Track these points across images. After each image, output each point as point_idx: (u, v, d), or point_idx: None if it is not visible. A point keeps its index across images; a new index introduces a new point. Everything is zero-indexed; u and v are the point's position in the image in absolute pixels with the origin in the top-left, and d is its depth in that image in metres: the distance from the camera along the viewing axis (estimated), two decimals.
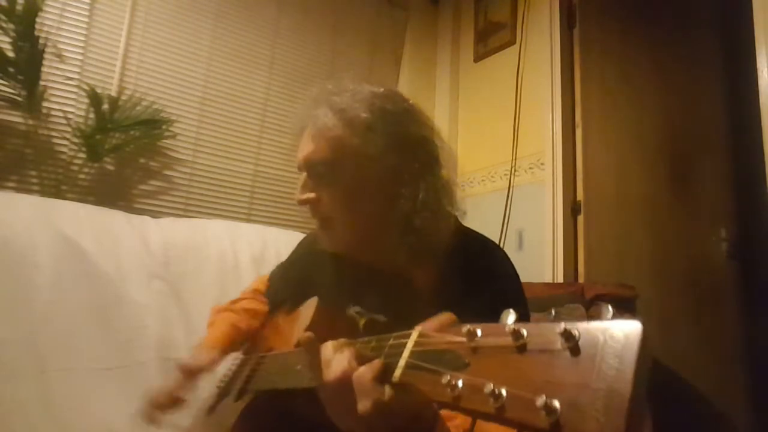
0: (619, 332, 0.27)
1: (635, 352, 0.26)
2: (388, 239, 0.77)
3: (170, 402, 0.88)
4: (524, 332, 0.33)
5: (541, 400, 0.28)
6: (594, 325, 0.29)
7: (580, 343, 0.29)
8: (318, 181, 0.79)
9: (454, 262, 0.79)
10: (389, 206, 0.76)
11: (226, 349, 0.94)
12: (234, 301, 1.08)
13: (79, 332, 1.27)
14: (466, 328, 0.37)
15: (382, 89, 0.81)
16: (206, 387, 0.94)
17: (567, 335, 0.29)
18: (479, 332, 0.36)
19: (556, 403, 0.28)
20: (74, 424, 1.15)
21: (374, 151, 0.75)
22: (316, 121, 0.78)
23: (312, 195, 0.79)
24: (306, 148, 0.80)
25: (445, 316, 0.44)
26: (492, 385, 0.31)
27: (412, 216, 0.76)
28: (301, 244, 1.06)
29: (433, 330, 0.42)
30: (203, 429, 0.89)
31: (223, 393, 0.89)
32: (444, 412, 0.52)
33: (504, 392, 0.31)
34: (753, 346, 2.27)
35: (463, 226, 0.86)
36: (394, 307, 0.49)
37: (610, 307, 0.29)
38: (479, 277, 0.77)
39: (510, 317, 0.34)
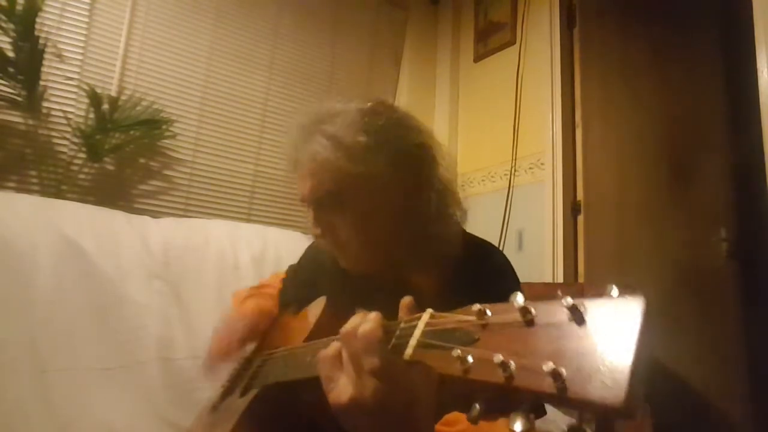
0: (623, 306, 0.30)
1: (638, 323, 0.28)
2: (403, 251, 0.78)
3: (229, 351, 0.89)
4: (532, 309, 0.34)
5: (548, 366, 0.29)
6: (600, 301, 0.31)
7: (586, 316, 0.31)
8: (327, 212, 0.78)
9: (459, 267, 0.80)
10: (401, 219, 0.76)
11: (254, 323, 0.94)
12: (258, 287, 1.08)
13: (79, 332, 1.27)
14: (476, 307, 0.38)
15: (369, 104, 0.79)
16: (207, 387, 0.94)
17: (573, 309, 0.31)
18: (489, 311, 0.37)
19: (563, 370, 0.29)
20: (74, 424, 1.15)
21: (377, 171, 0.74)
22: (313, 156, 0.76)
23: (325, 230, 0.79)
24: (308, 183, 0.78)
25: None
26: (501, 356, 0.32)
27: (425, 225, 0.76)
28: (311, 247, 1.06)
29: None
30: (207, 427, 0.89)
31: (227, 390, 0.90)
32: (448, 417, 0.53)
33: (513, 362, 0.32)
34: (753, 346, 2.26)
35: (466, 232, 0.86)
36: (397, 312, 0.49)
37: (615, 287, 0.31)
38: (483, 282, 0.77)
39: (519, 297, 0.35)
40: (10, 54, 1.65)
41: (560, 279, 1.92)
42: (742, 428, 2.12)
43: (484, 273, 0.79)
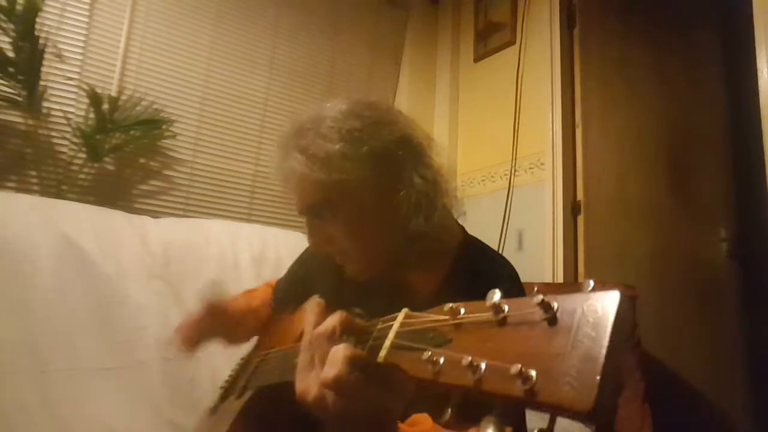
0: (597, 302, 0.28)
1: (610, 320, 0.27)
2: (399, 249, 0.77)
3: (198, 336, 0.90)
4: (505, 307, 0.33)
5: (515, 369, 0.28)
6: (572, 297, 0.29)
7: (557, 314, 0.29)
8: (321, 222, 0.79)
9: (459, 271, 0.79)
10: (390, 218, 0.76)
11: (242, 314, 0.95)
12: (249, 291, 1.10)
13: (79, 332, 1.27)
14: (449, 306, 0.37)
15: (344, 106, 0.78)
16: (210, 386, 0.94)
17: (545, 306, 0.30)
18: (462, 310, 0.37)
19: (532, 372, 0.28)
20: (74, 424, 1.15)
21: (357, 175, 0.73)
22: (293, 172, 0.77)
23: (323, 239, 0.80)
24: (296, 197, 0.79)
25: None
26: (470, 358, 0.31)
27: (414, 219, 0.75)
28: (308, 247, 1.07)
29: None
30: (206, 428, 0.89)
31: (227, 392, 0.90)
32: (413, 418, 0.53)
33: (483, 365, 0.31)
34: (753, 346, 2.27)
35: (469, 235, 0.86)
36: (396, 312, 0.49)
37: (591, 282, 0.29)
38: (483, 288, 0.76)
39: (495, 295, 0.34)
40: (10, 54, 1.65)
41: (560, 279, 1.92)
42: (741, 427, 2.12)
43: (487, 280, 0.78)
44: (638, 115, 2.20)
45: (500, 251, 0.90)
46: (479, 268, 0.80)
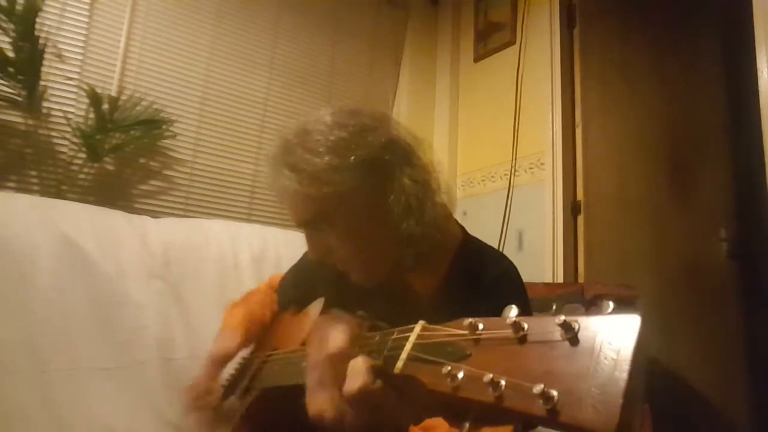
0: (618, 325, 0.28)
1: (633, 344, 0.27)
2: (399, 252, 0.77)
3: (206, 393, 0.90)
4: (525, 325, 0.33)
5: (538, 388, 0.28)
6: (594, 318, 0.30)
7: (579, 335, 0.30)
8: (319, 234, 0.79)
9: (457, 271, 0.79)
10: (387, 223, 0.75)
11: (244, 336, 0.95)
12: (248, 295, 1.09)
13: (79, 332, 1.27)
14: (468, 321, 0.37)
15: (328, 118, 0.77)
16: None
17: (566, 327, 0.30)
18: (481, 326, 0.37)
19: (554, 392, 0.28)
20: (74, 424, 1.15)
21: (348, 185, 0.73)
22: (285, 189, 0.77)
23: (324, 251, 0.80)
24: (291, 213, 0.80)
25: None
26: (491, 374, 0.32)
27: (405, 222, 0.75)
28: None
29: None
30: (207, 427, 0.89)
31: (228, 392, 0.90)
32: (427, 422, 0.53)
33: (503, 382, 0.31)
34: (753, 346, 2.26)
35: (468, 235, 0.86)
36: (398, 313, 0.49)
37: (610, 303, 0.30)
38: (485, 287, 0.77)
39: (512, 311, 0.35)
40: (10, 54, 1.65)
41: (560, 279, 1.92)
42: (741, 427, 2.12)
43: (485, 281, 0.78)
44: (638, 115, 2.20)
45: (500, 251, 0.90)
46: (478, 268, 0.80)
